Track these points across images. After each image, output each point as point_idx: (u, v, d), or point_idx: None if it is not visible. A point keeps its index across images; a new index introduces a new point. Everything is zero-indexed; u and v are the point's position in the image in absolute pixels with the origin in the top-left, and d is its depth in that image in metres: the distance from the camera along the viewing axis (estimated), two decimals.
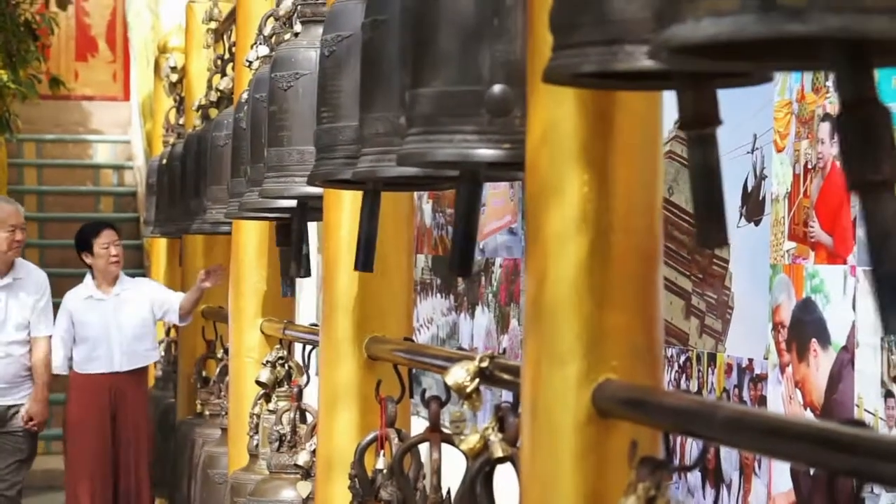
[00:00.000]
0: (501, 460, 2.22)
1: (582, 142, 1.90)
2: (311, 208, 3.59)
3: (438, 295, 6.33)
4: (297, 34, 3.74)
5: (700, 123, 1.42)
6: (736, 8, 1.23)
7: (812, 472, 3.03)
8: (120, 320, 7.23)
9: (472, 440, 2.24)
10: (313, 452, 3.64)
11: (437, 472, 2.59)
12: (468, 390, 2.34)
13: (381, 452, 2.98)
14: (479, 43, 2.15)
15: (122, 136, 14.48)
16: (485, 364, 2.34)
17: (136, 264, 12.08)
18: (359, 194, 3.27)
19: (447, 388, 2.42)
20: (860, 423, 1.33)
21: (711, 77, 1.42)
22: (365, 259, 2.82)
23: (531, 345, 1.95)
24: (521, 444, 1.99)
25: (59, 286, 8.01)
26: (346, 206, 3.28)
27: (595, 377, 1.88)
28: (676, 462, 1.75)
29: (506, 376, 2.30)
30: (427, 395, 2.66)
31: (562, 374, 1.89)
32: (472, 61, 2.16)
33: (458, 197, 2.28)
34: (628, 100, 1.92)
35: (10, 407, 7.15)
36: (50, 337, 7.21)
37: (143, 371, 7.43)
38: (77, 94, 14.98)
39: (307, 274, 3.66)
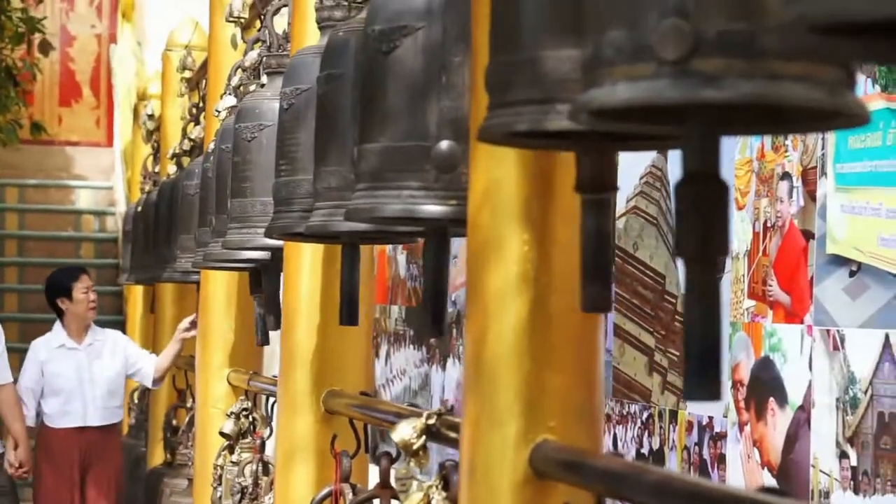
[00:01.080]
0: None
1: (523, 201, 1.89)
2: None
3: (411, 346, 6.32)
4: (262, 85, 3.73)
5: (596, 188, 1.43)
6: (651, 73, 1.23)
7: None
8: (94, 372, 6.91)
9: (415, 498, 2.22)
10: None
11: None
12: (415, 447, 2.32)
13: None
14: (426, 99, 2.15)
15: (105, 182, 14.47)
16: (432, 421, 2.33)
17: (116, 311, 12.05)
18: (319, 247, 3.27)
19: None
20: (777, 492, 1.32)
21: (617, 141, 1.42)
22: (349, 313, 2.79)
23: (470, 404, 1.94)
24: (460, 502, 1.97)
25: (39, 332, 7.85)
26: (305, 259, 3.27)
27: (533, 437, 1.87)
28: None
29: (452, 434, 2.29)
30: (379, 450, 2.65)
31: (500, 433, 1.88)
32: (420, 117, 2.15)
33: (425, 256, 2.25)
34: (570, 159, 1.91)
35: None
36: (13, 383, 6.79)
37: (115, 427, 7.14)
38: (61, 139, 14.99)
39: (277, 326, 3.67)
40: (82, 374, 6.87)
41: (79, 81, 15.65)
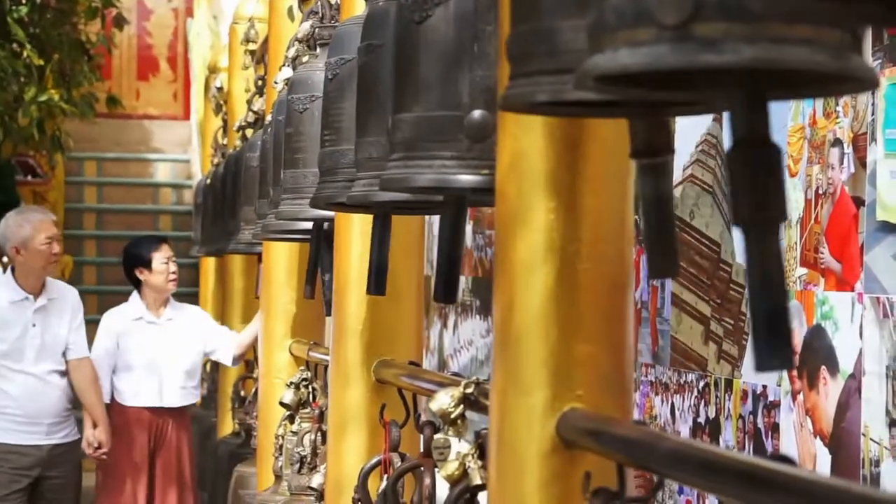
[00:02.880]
0: (480, 487, 2.20)
1: (549, 170, 1.89)
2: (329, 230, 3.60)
3: (478, 317, 6.32)
4: (316, 56, 3.74)
5: (652, 152, 1.42)
6: (651, 39, 1.22)
7: None
8: (172, 349, 6.38)
9: (451, 467, 2.23)
10: None
11: (429, 498, 2.58)
12: (452, 416, 2.33)
13: (385, 476, 2.97)
14: (458, 68, 2.15)
15: (182, 154, 14.59)
16: (469, 390, 2.33)
17: (192, 283, 12.13)
18: (368, 217, 3.27)
19: None
20: (786, 459, 1.31)
21: (666, 105, 1.40)
22: (377, 283, 2.81)
23: (498, 373, 1.94)
24: (489, 472, 1.97)
25: (117, 304, 7.79)
26: (355, 229, 3.28)
27: (560, 406, 1.86)
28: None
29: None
30: (422, 420, 2.65)
31: (527, 402, 1.88)
32: (452, 86, 2.15)
33: (441, 223, 2.27)
34: (597, 127, 1.90)
35: (56, 446, 6.18)
36: (89, 358, 6.26)
37: (189, 409, 6.59)
38: (138, 113, 15.12)
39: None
40: (160, 350, 6.35)
41: (156, 55, 15.77)
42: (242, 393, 6.44)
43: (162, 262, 6.42)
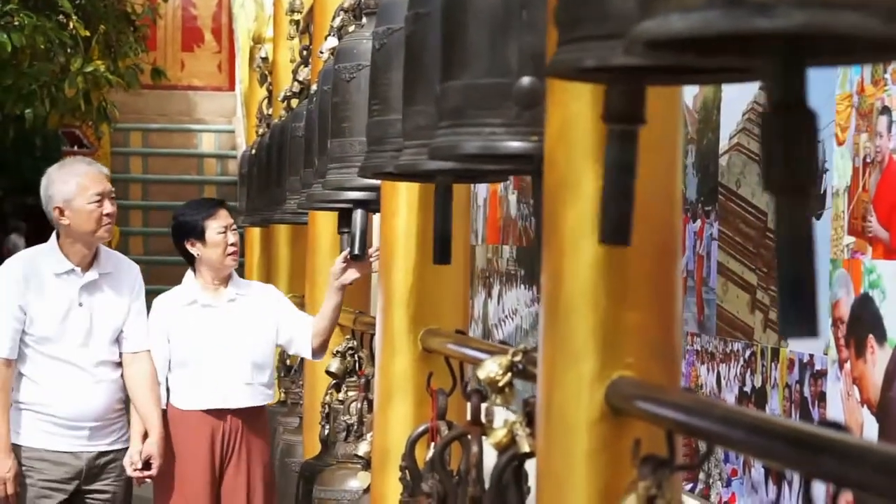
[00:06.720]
0: (528, 455, 2.21)
1: (598, 138, 1.88)
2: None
3: (522, 286, 6.32)
4: (362, 26, 3.74)
5: (623, 119, 1.42)
6: (703, 4, 1.22)
7: None
8: (237, 337, 5.04)
9: (499, 434, 2.23)
10: None
11: (476, 465, 2.59)
12: (500, 384, 2.33)
13: (432, 444, 2.98)
14: (507, 35, 2.14)
15: (227, 125, 14.64)
16: (517, 358, 2.34)
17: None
18: (414, 187, 3.28)
19: None
20: (838, 426, 1.30)
21: (714, 72, 1.40)
22: (442, 253, 2.80)
23: (547, 341, 1.94)
24: (537, 439, 1.98)
25: (165, 275, 7.89)
26: (401, 198, 3.29)
27: (609, 374, 1.86)
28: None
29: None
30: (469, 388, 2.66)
31: (576, 370, 1.88)
32: (501, 53, 2.15)
33: (535, 190, 2.25)
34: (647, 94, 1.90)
35: (101, 454, 4.93)
36: (150, 352, 5.00)
37: (264, 411, 5.20)
38: (183, 83, 15.19)
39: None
40: (221, 340, 5.02)
41: (200, 27, 15.82)
42: (289, 362, 6.47)
43: (218, 232, 5.12)
